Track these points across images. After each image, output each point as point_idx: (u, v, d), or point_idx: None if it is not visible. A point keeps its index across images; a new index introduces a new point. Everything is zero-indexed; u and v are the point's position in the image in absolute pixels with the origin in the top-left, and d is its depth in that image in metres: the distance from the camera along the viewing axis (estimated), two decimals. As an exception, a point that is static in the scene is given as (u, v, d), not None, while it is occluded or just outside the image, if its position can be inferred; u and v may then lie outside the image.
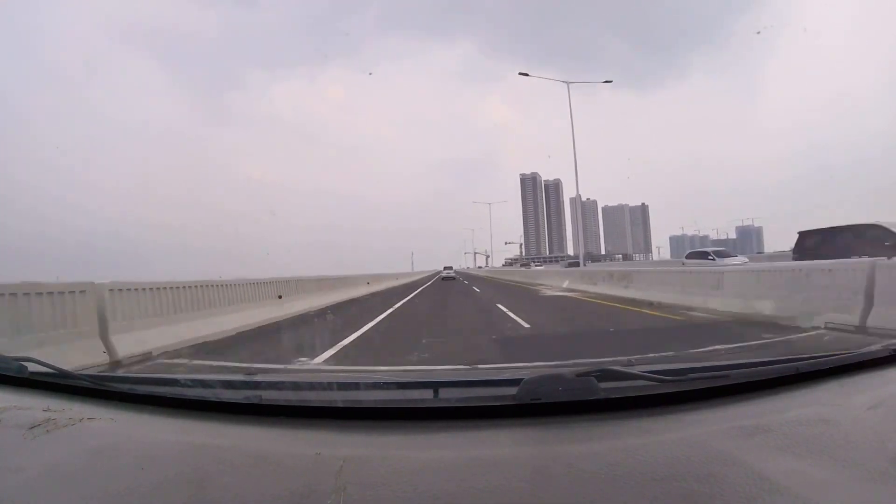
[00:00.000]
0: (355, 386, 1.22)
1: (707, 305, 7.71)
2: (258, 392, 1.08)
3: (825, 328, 4.04)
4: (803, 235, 13.62)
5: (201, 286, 6.55)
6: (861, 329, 5.09)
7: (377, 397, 1.14)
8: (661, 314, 7.74)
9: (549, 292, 15.02)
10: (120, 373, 3.67)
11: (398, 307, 11.39)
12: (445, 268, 45.82)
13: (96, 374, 1.23)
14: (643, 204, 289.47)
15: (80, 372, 1.21)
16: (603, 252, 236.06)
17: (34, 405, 1.03)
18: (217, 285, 7.03)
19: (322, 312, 10.18)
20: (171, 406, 1.05)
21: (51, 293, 4.23)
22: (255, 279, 8.62)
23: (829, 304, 5.59)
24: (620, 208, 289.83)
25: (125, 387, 1.14)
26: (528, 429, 0.89)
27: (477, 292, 17.00)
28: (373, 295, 16.52)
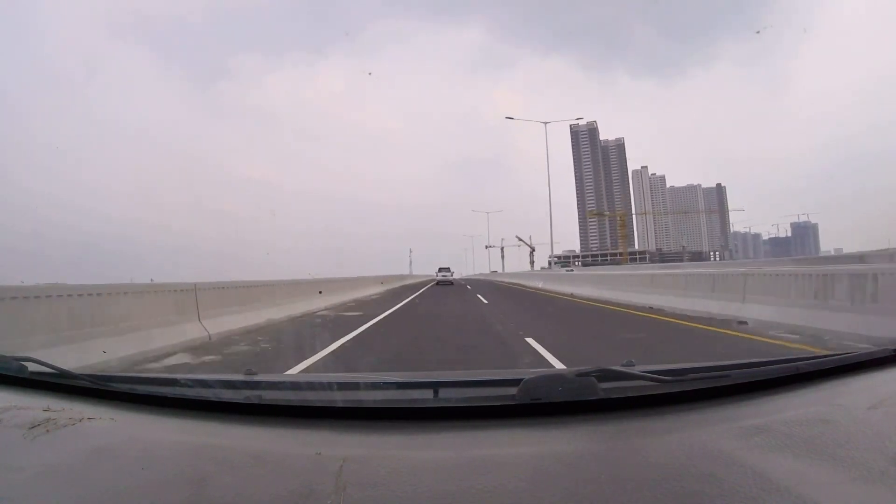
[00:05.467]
0: (355, 386, 1.22)
1: None
2: (258, 392, 1.08)
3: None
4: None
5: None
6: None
7: (377, 397, 1.14)
8: None
9: None
10: (120, 373, 3.69)
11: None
12: (441, 270, 38.26)
13: (96, 374, 1.23)
14: (718, 185, 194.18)
15: (80, 372, 1.21)
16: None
17: (34, 405, 1.02)
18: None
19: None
20: (171, 406, 1.05)
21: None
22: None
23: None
24: (691, 190, 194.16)
25: (125, 387, 1.14)
26: (528, 429, 0.89)
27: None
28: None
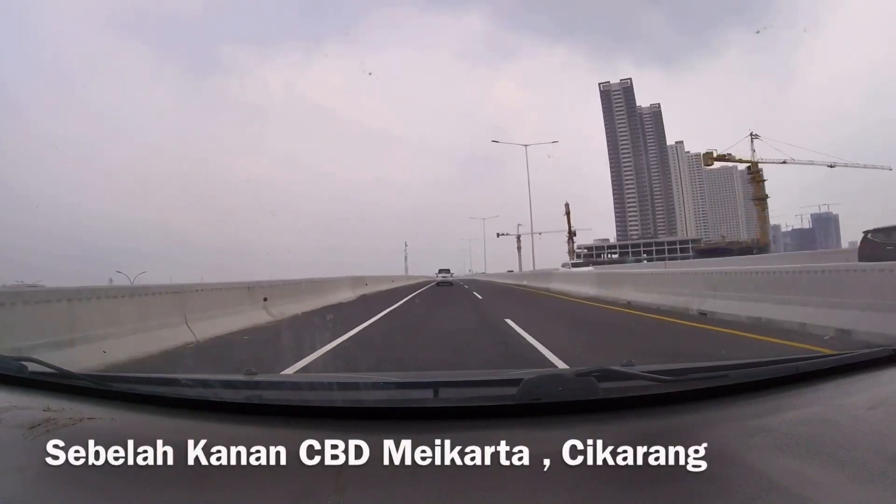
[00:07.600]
0: (355, 386, 1.22)
1: None
2: (258, 392, 1.08)
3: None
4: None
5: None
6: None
7: (377, 397, 1.14)
8: None
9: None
10: (120, 373, 3.71)
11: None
12: (441, 271, 39.28)
13: (96, 374, 1.23)
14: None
15: (80, 372, 1.21)
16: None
17: (34, 405, 1.02)
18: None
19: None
20: (172, 406, 1.05)
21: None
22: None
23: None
24: (727, 172, 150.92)
25: (125, 387, 1.14)
26: (528, 429, 0.89)
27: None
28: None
